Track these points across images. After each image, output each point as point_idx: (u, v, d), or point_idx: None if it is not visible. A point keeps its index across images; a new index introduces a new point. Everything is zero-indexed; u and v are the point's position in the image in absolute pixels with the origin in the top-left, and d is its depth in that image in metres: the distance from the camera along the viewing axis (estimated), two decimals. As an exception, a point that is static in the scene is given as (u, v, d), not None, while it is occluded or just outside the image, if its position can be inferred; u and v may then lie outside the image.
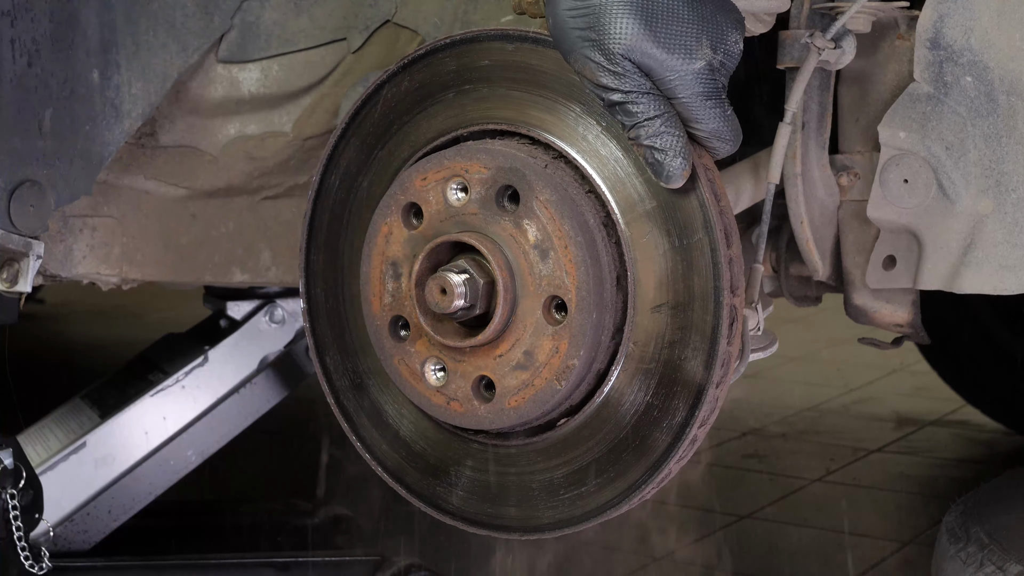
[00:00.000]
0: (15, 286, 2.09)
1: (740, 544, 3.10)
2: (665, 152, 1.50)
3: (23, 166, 2.03)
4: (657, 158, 1.51)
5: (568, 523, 1.66)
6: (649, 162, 1.52)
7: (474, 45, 1.68)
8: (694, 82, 1.49)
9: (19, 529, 2.32)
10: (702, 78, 1.50)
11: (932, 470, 3.75)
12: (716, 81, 1.51)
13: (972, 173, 1.73)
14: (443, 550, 2.75)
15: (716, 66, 1.50)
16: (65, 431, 2.73)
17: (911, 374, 4.72)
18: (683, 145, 1.51)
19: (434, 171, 1.64)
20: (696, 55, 1.49)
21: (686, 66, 1.49)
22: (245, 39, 2.17)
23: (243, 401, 2.81)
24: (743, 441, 3.99)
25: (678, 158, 1.51)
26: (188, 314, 3.29)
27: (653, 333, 1.59)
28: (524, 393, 1.60)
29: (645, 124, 1.50)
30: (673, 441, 1.58)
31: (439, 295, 1.59)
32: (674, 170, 1.51)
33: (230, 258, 2.47)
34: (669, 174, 1.52)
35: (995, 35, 1.70)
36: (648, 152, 1.51)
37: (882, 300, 1.93)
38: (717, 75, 1.51)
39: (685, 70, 1.49)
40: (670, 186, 1.53)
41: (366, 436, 1.80)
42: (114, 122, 2.10)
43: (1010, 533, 2.00)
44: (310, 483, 3.22)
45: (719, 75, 1.51)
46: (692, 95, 1.50)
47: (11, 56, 2.00)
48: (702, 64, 1.49)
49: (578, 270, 1.55)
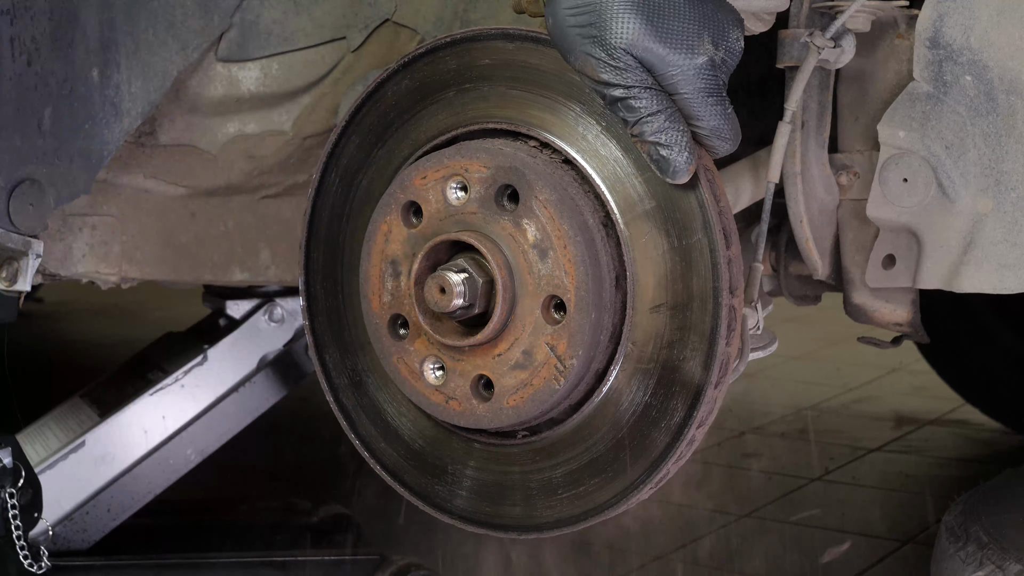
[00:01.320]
0: (14, 285, 2.09)
1: (739, 543, 3.10)
2: (671, 148, 1.50)
3: (23, 165, 2.03)
4: (663, 154, 1.51)
5: (566, 522, 1.66)
6: (654, 159, 1.52)
7: (474, 44, 1.68)
8: (696, 78, 1.49)
9: (18, 528, 2.32)
10: (704, 74, 1.49)
11: (931, 469, 3.75)
12: (717, 78, 1.51)
13: (971, 172, 1.73)
14: (442, 549, 2.75)
15: (718, 63, 1.50)
16: (64, 430, 2.72)
17: (910, 373, 4.72)
18: (687, 140, 1.51)
19: (434, 170, 1.64)
20: (698, 51, 1.49)
21: (688, 61, 1.48)
22: (245, 38, 2.17)
23: (242, 400, 2.81)
24: (742, 440, 3.99)
25: (684, 153, 1.51)
26: (187, 313, 3.29)
27: (652, 333, 1.59)
28: (523, 392, 1.60)
29: (648, 120, 1.49)
30: (671, 441, 1.58)
31: (438, 294, 1.59)
32: (680, 165, 1.51)
33: (229, 257, 2.47)
34: (675, 169, 1.51)
35: (994, 34, 1.70)
36: (653, 148, 1.51)
37: (881, 299, 1.93)
38: (718, 72, 1.51)
39: (687, 65, 1.49)
40: (676, 182, 1.53)
41: (365, 434, 1.81)
42: (113, 121, 2.10)
43: (1009, 532, 2.00)
44: (309, 482, 3.22)
45: (720, 72, 1.51)
46: (694, 91, 1.50)
47: (10, 55, 2.00)
48: (704, 60, 1.49)
49: (577, 270, 1.55)
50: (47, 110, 2.04)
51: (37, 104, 2.03)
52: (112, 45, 2.09)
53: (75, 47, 2.06)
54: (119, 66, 2.10)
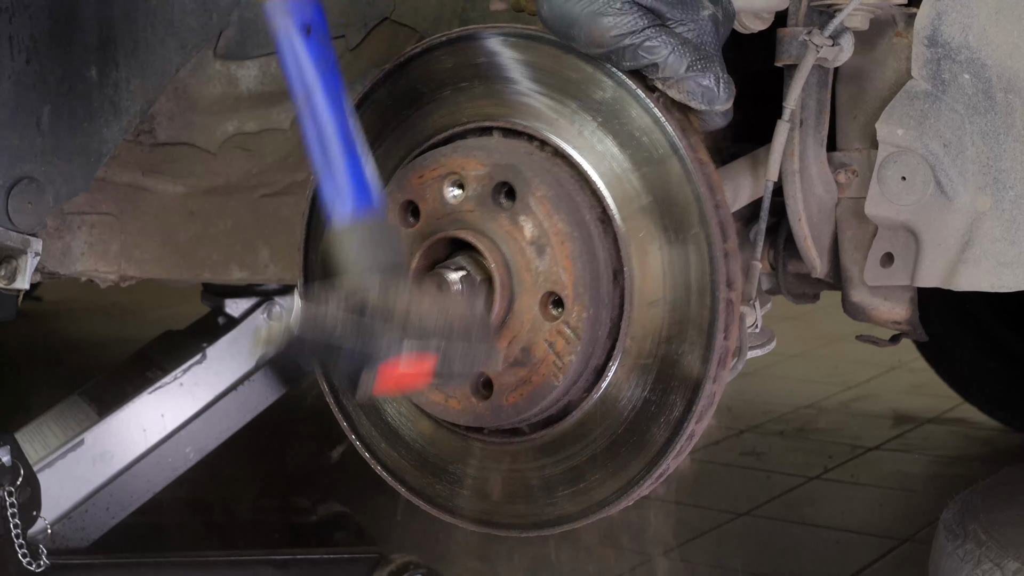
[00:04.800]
0: (13, 283, 2.09)
1: (738, 542, 3.10)
2: (707, 75, 1.50)
3: (21, 163, 2.03)
4: (703, 83, 1.51)
5: (566, 519, 1.66)
6: (694, 93, 1.51)
7: (471, 42, 1.69)
8: (703, 30, 1.50)
9: (17, 527, 2.32)
10: (709, 28, 1.51)
11: (930, 468, 3.75)
12: (719, 36, 1.52)
13: (970, 170, 1.73)
14: (441, 548, 2.75)
15: (719, 19, 1.52)
16: (63, 428, 2.72)
17: (909, 371, 4.72)
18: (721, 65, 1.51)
19: (431, 168, 1.64)
20: (703, 4, 1.50)
21: (695, 14, 1.50)
22: (243, 36, 2.17)
23: (241, 398, 2.81)
24: (741, 438, 3.99)
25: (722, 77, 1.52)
26: (186, 311, 3.29)
27: (650, 328, 1.59)
28: (522, 390, 1.60)
29: (674, 58, 1.49)
30: (671, 436, 1.58)
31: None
32: (723, 90, 1.52)
33: (228, 255, 2.47)
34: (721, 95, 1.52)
35: (993, 32, 1.70)
36: (691, 82, 1.51)
37: (880, 297, 1.93)
38: (719, 30, 1.52)
39: (695, 17, 1.50)
40: (722, 107, 1.54)
41: (365, 435, 1.81)
42: (112, 119, 2.10)
43: (1007, 530, 2.00)
44: (308, 481, 3.22)
45: (720, 31, 1.52)
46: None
47: (9, 53, 2.00)
48: (708, 13, 1.50)
49: (575, 266, 1.55)
50: (46, 108, 2.04)
51: (36, 102, 2.03)
52: (111, 44, 2.09)
53: (74, 45, 2.06)
54: (118, 64, 2.10)
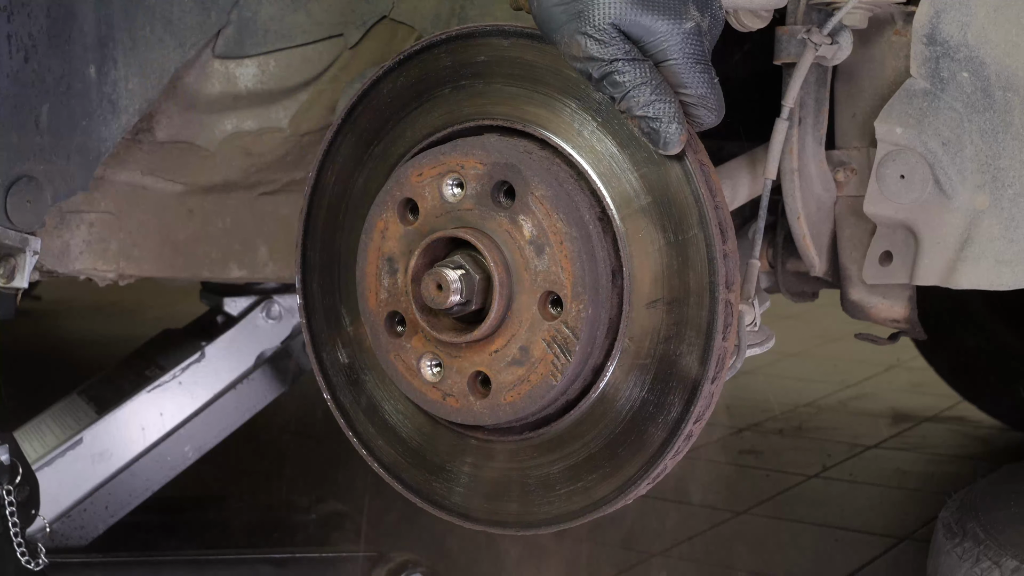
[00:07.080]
0: (12, 282, 2.09)
1: (736, 540, 3.10)
2: (659, 120, 1.51)
3: (20, 161, 2.03)
4: (652, 126, 1.51)
5: (564, 518, 1.66)
6: (645, 132, 1.52)
7: (470, 41, 1.68)
8: (684, 43, 1.50)
9: (16, 525, 2.32)
10: (691, 40, 1.51)
11: (928, 466, 3.76)
12: (704, 45, 1.52)
13: (968, 168, 1.73)
14: (440, 546, 2.75)
15: (704, 29, 1.52)
16: (62, 427, 2.73)
17: (908, 370, 4.72)
18: (676, 110, 1.51)
19: (430, 167, 1.64)
20: (685, 16, 1.50)
21: (676, 27, 1.50)
22: (242, 35, 2.17)
23: (240, 397, 2.81)
24: (739, 437, 3.99)
25: (673, 123, 1.51)
26: (185, 310, 3.29)
27: (648, 328, 1.59)
28: (520, 389, 1.60)
29: (634, 93, 1.50)
30: (669, 436, 1.58)
31: (435, 291, 1.59)
32: (671, 135, 1.51)
33: (227, 254, 2.47)
34: (667, 140, 1.52)
35: (992, 31, 1.70)
36: (643, 122, 1.51)
37: (879, 296, 1.93)
38: (704, 39, 1.52)
39: (676, 31, 1.50)
40: (669, 152, 1.53)
41: (363, 432, 1.81)
42: (111, 118, 2.10)
43: (1006, 528, 2.01)
44: (307, 479, 3.22)
45: (706, 39, 1.52)
46: (683, 57, 1.51)
47: (8, 51, 2.00)
48: (691, 25, 1.50)
49: (573, 266, 1.55)
50: (44, 107, 2.04)
51: (34, 101, 2.03)
52: (109, 42, 2.09)
53: (72, 44, 2.06)
54: (116, 63, 2.10)
